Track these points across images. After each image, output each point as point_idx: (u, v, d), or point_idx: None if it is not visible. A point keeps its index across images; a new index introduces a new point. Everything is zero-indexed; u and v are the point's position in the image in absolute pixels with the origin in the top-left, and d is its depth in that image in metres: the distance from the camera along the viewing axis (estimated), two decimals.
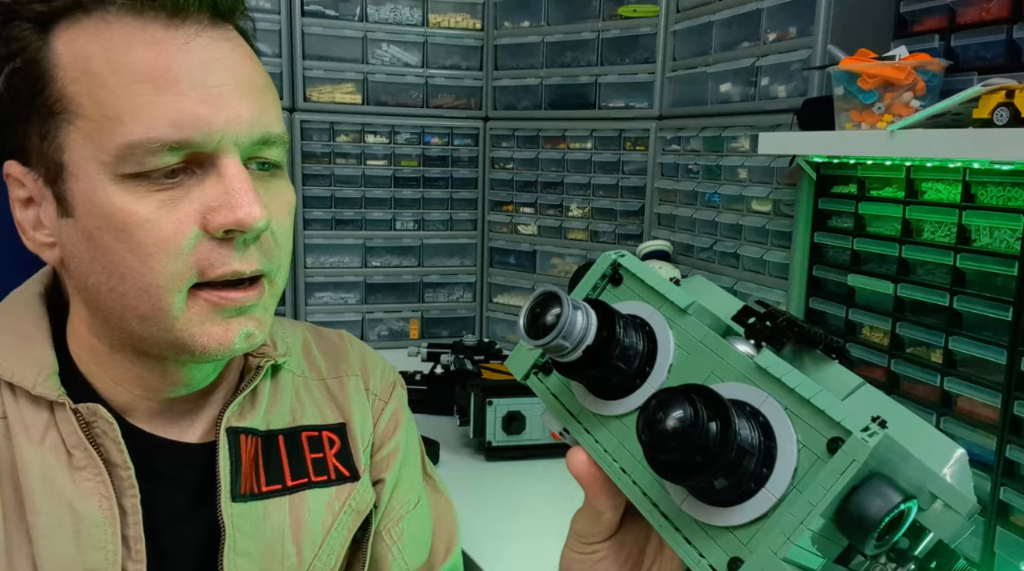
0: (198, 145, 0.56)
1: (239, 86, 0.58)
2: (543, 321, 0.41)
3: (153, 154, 0.55)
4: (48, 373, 0.62)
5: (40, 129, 0.57)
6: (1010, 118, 0.96)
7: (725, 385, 0.40)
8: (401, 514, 0.78)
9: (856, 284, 1.33)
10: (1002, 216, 1.06)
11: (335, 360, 0.79)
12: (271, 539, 0.67)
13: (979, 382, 1.11)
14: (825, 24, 1.38)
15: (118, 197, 0.55)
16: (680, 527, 0.40)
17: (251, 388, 0.69)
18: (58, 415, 0.61)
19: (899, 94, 1.14)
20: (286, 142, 0.62)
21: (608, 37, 2.00)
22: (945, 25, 1.25)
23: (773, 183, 1.55)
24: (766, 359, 0.39)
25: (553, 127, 2.14)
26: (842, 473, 0.34)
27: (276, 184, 0.63)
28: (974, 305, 1.10)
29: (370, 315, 2.25)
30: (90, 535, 0.59)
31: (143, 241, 0.55)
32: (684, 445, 0.35)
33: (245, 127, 0.57)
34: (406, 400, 0.83)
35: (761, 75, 1.56)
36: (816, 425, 0.36)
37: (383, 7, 2.14)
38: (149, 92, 0.54)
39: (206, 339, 0.58)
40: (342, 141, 2.17)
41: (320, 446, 0.72)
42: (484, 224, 2.31)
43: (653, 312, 0.45)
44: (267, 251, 0.60)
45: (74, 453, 0.60)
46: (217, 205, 0.56)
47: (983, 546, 1.10)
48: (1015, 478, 1.06)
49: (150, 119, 0.54)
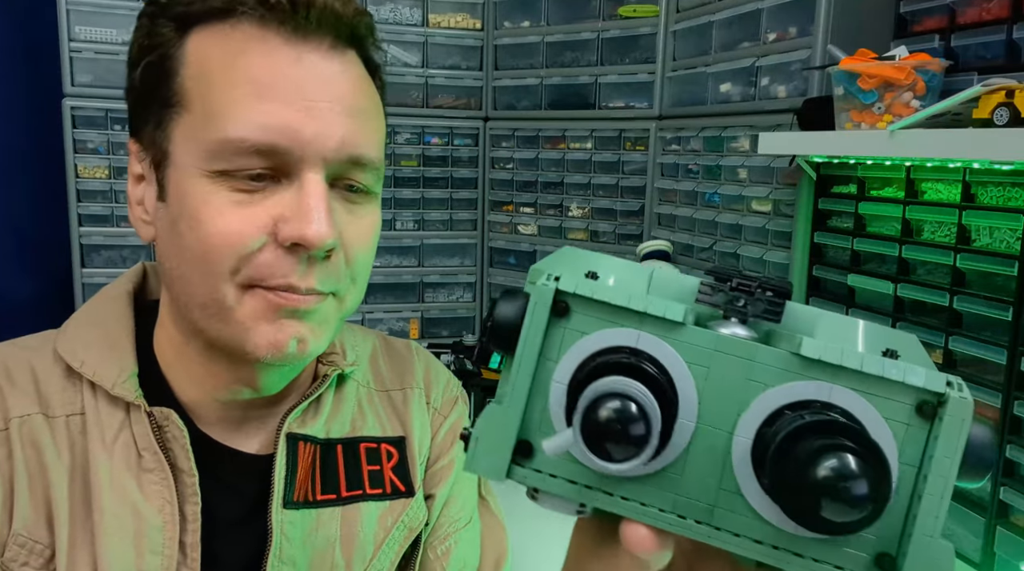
0: (284, 152, 0.57)
1: (338, 105, 0.59)
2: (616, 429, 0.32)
3: (241, 154, 0.56)
4: (128, 374, 0.63)
5: (157, 118, 0.60)
6: (1010, 118, 0.96)
7: (776, 390, 0.36)
8: (449, 531, 0.76)
9: (856, 284, 1.33)
10: (1002, 216, 1.06)
11: (400, 371, 0.79)
12: (321, 549, 0.66)
13: (979, 382, 1.11)
14: (825, 24, 1.38)
15: (202, 188, 0.57)
16: (799, 551, 0.36)
17: (316, 396, 0.69)
18: (133, 416, 0.62)
19: (899, 94, 1.14)
20: (380, 170, 0.63)
21: (608, 37, 2.00)
22: (945, 25, 1.25)
23: (773, 183, 1.55)
24: (811, 348, 0.35)
25: (553, 127, 2.14)
26: (960, 434, 0.34)
27: (362, 209, 0.63)
28: (974, 305, 1.10)
29: (370, 315, 2.25)
30: (149, 538, 0.60)
31: (210, 231, 0.57)
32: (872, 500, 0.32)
33: (334, 144, 0.58)
34: (467, 415, 0.82)
35: (761, 75, 1.56)
36: (894, 396, 0.35)
37: (383, 7, 2.14)
38: (249, 95, 0.57)
39: (259, 337, 0.59)
40: None
41: (378, 458, 0.72)
42: (484, 224, 2.31)
43: (640, 336, 0.37)
44: (334, 272, 0.60)
45: (144, 455, 0.61)
46: (289, 216, 0.57)
47: (983, 546, 1.10)
48: (1015, 478, 1.06)
49: (244, 120, 0.56)
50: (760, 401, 0.36)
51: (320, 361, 0.72)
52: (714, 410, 0.36)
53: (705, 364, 0.36)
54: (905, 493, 0.35)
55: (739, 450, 0.36)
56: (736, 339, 0.36)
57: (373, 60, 0.65)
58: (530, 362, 0.37)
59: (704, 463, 0.36)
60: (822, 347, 0.35)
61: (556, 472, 0.38)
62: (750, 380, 0.36)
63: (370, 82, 0.64)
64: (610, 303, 0.37)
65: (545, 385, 0.37)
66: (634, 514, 0.37)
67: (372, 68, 0.65)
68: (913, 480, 0.35)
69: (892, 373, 0.35)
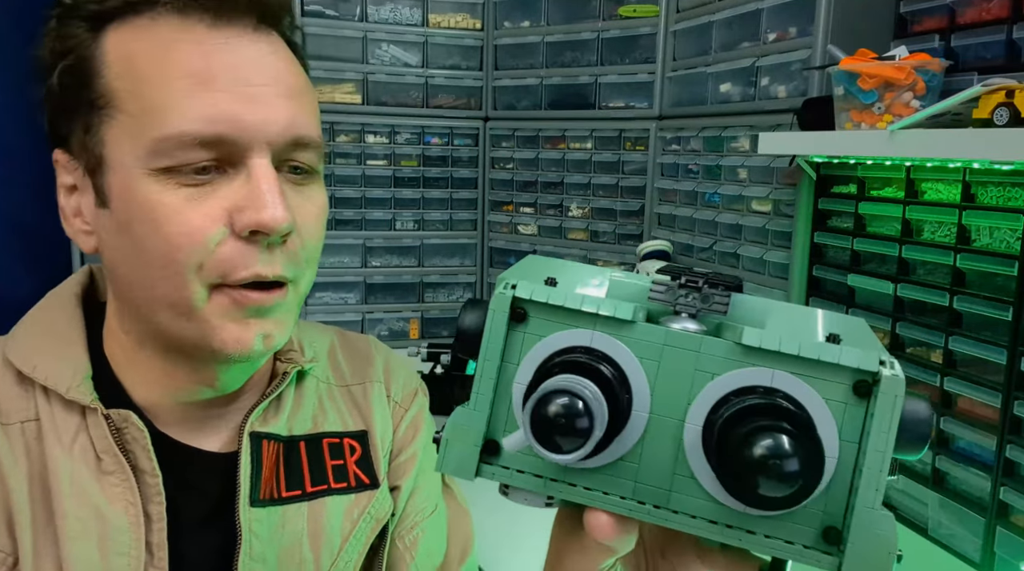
0: (230, 142, 0.56)
1: (276, 88, 0.59)
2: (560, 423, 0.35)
3: (186, 148, 0.56)
4: (82, 377, 0.62)
5: (85, 122, 0.59)
6: (1010, 118, 0.96)
7: (722, 379, 0.38)
8: (416, 521, 0.77)
9: (856, 284, 1.33)
10: (1002, 216, 1.06)
11: (360, 366, 0.79)
12: (288, 545, 0.67)
13: (979, 382, 1.11)
14: (825, 24, 1.38)
15: (151, 189, 0.56)
16: (752, 528, 0.38)
17: (277, 394, 0.69)
18: (89, 420, 0.61)
19: (899, 94, 1.14)
20: (321, 147, 0.63)
21: (608, 37, 2.00)
22: (945, 25, 1.25)
23: (773, 183, 1.55)
24: (752, 338, 0.38)
25: (553, 127, 2.14)
26: (894, 410, 0.36)
27: (309, 189, 0.63)
28: (974, 305, 1.10)
29: (370, 315, 2.25)
30: (115, 540, 0.59)
31: (172, 231, 0.56)
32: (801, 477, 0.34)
33: (278, 128, 0.58)
34: (427, 407, 0.82)
35: (761, 75, 1.56)
36: (832, 377, 0.37)
37: (383, 7, 2.14)
38: (186, 88, 0.56)
39: (225, 335, 0.58)
40: (342, 141, 2.17)
41: (341, 453, 0.72)
42: (484, 224, 2.31)
43: (593, 335, 0.39)
44: (293, 255, 0.60)
45: (103, 458, 0.61)
46: (244, 205, 0.57)
47: (983, 546, 1.10)
48: (1015, 478, 1.06)
49: (185, 114, 0.55)
50: (708, 390, 0.38)
51: (278, 359, 0.72)
52: (666, 400, 0.39)
53: (656, 358, 0.39)
54: (848, 469, 0.37)
55: (690, 436, 0.38)
56: (684, 333, 0.39)
57: (293, 39, 0.65)
58: (492, 366, 0.40)
59: (659, 450, 0.39)
60: (762, 335, 0.38)
61: (523, 468, 0.41)
62: (698, 370, 0.38)
63: (297, 61, 0.64)
64: (564, 306, 0.40)
65: (508, 387, 0.40)
66: (595, 502, 0.40)
67: (294, 47, 0.65)
68: (855, 456, 0.37)
69: (828, 356, 0.37)
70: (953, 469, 1.16)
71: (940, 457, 1.18)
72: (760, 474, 0.33)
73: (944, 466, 1.18)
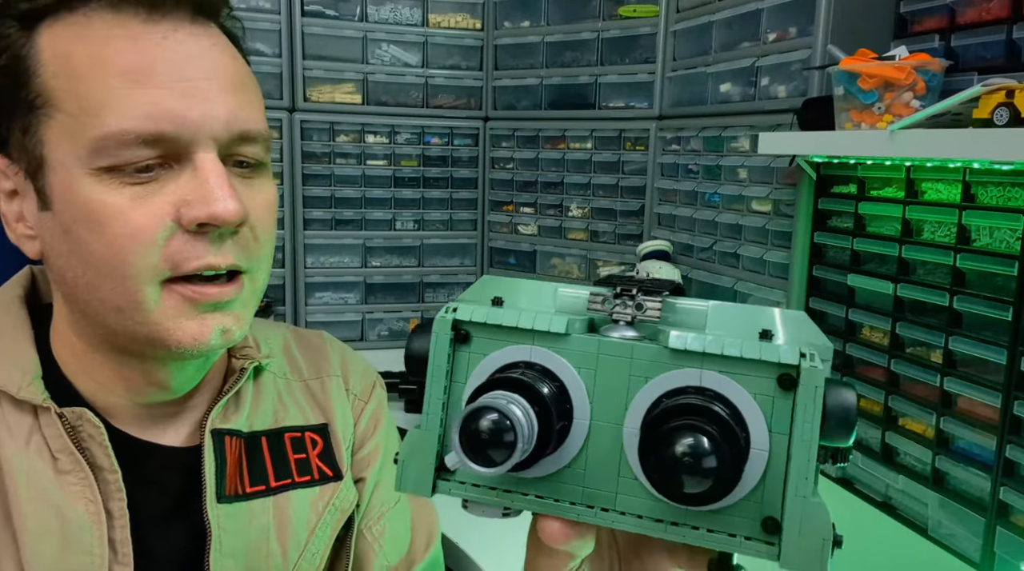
0: (172, 139, 0.55)
1: (217, 81, 0.58)
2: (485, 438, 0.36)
3: (127, 147, 0.54)
4: (32, 377, 0.61)
5: (22, 124, 0.58)
6: (1010, 118, 0.96)
7: (656, 381, 0.40)
8: (382, 511, 0.78)
9: (856, 284, 1.33)
10: (1002, 216, 1.06)
11: (316, 361, 0.79)
12: (255, 539, 0.67)
13: (979, 382, 1.11)
14: (825, 24, 1.38)
15: (93, 190, 0.55)
16: (696, 524, 0.40)
17: (235, 390, 0.69)
18: (42, 419, 0.61)
19: (899, 94, 1.14)
20: (268, 140, 0.62)
21: (608, 37, 2.00)
22: (945, 25, 1.25)
23: (773, 183, 1.55)
24: (677, 341, 0.39)
25: (553, 127, 2.14)
26: (815, 400, 0.38)
27: (257, 182, 0.62)
28: (974, 305, 1.10)
29: (370, 315, 2.25)
30: (77, 539, 0.59)
31: (117, 233, 0.55)
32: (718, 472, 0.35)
33: (221, 123, 0.57)
34: (385, 400, 0.83)
35: (761, 75, 1.56)
36: (757, 373, 0.39)
37: (383, 7, 2.14)
38: (124, 85, 0.55)
39: (181, 333, 0.58)
40: (342, 141, 2.17)
41: (303, 447, 0.73)
42: (484, 224, 2.31)
43: (532, 350, 0.41)
44: (245, 248, 0.60)
45: (59, 457, 0.60)
46: (192, 199, 0.56)
47: (983, 546, 1.10)
48: (1015, 478, 1.06)
49: (124, 112, 0.54)
50: (642, 393, 0.40)
51: (234, 356, 0.72)
52: (605, 407, 0.41)
53: (592, 367, 0.41)
54: (781, 461, 0.39)
55: (629, 439, 0.40)
56: (615, 341, 0.41)
57: (232, 31, 0.64)
58: (439, 387, 0.42)
59: (602, 455, 0.41)
60: (688, 338, 0.39)
61: (477, 481, 0.43)
62: (632, 376, 0.40)
63: (239, 53, 0.63)
64: (502, 325, 0.42)
65: (459, 405, 0.42)
66: (546, 509, 0.41)
67: (233, 39, 0.64)
68: (786, 448, 0.38)
69: (750, 353, 0.38)
70: (953, 469, 1.16)
71: (940, 457, 1.18)
72: (680, 472, 0.35)
73: (944, 466, 1.18)
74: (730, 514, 0.39)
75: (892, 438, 1.28)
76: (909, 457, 1.26)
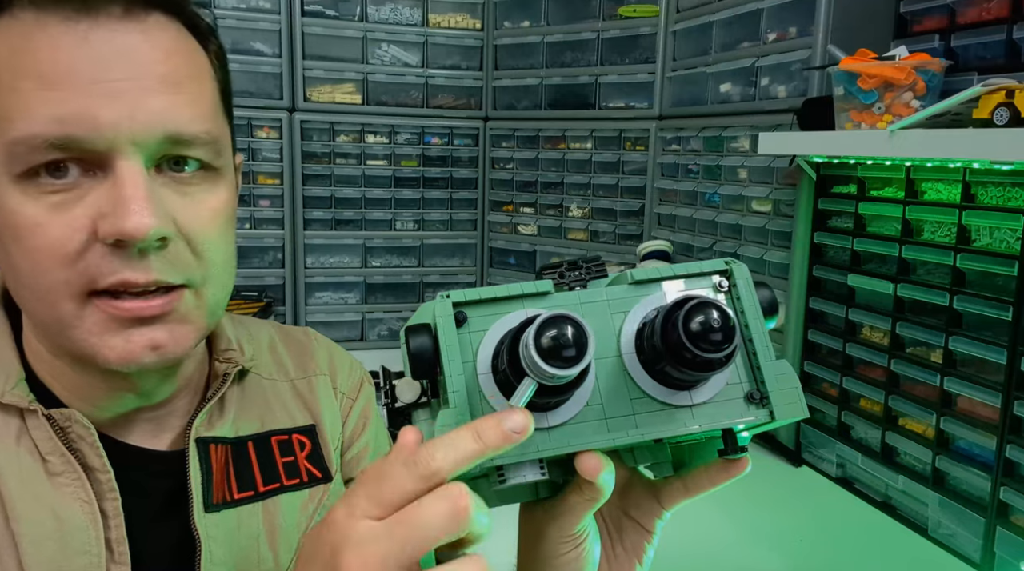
0: (87, 143, 0.52)
1: (142, 81, 0.54)
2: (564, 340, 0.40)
3: (37, 152, 0.52)
4: (16, 380, 0.60)
5: None
6: (1010, 118, 0.96)
7: (633, 311, 0.47)
8: None
9: (856, 284, 1.33)
10: (1002, 216, 1.06)
11: (302, 360, 0.78)
12: (246, 546, 0.66)
13: (979, 382, 1.11)
14: (825, 24, 1.38)
15: (13, 199, 0.53)
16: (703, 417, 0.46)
17: (219, 396, 0.68)
18: (30, 422, 0.60)
19: (899, 94, 1.14)
20: (216, 141, 0.58)
21: (608, 37, 2.00)
22: (945, 25, 1.25)
23: (773, 183, 1.55)
24: (640, 274, 0.48)
25: (553, 127, 2.14)
26: (749, 286, 0.48)
27: (199, 189, 0.58)
28: (974, 305, 1.10)
29: (370, 315, 2.25)
30: (75, 540, 0.58)
31: (33, 245, 0.53)
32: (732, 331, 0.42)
33: (142, 126, 0.53)
34: (374, 396, 0.82)
35: (761, 75, 1.56)
36: (703, 282, 0.49)
37: (383, 7, 2.14)
38: (35, 87, 0.52)
39: (107, 351, 0.55)
40: (342, 141, 2.17)
41: (291, 449, 0.72)
42: (484, 224, 2.31)
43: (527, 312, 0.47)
44: (175, 262, 0.56)
45: (49, 459, 0.59)
46: (107, 211, 0.52)
47: (983, 546, 1.10)
48: (1015, 478, 1.06)
49: (34, 116, 0.51)
50: (627, 323, 0.47)
51: (217, 359, 0.70)
52: (600, 345, 0.46)
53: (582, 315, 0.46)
54: (741, 348, 0.47)
55: (629, 361, 0.47)
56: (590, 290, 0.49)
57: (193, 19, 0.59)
58: (458, 364, 0.46)
59: (612, 386, 0.46)
60: (645, 271, 0.49)
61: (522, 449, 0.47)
62: (613, 313, 0.48)
63: (190, 45, 0.58)
64: (495, 297, 0.47)
65: (473, 382, 0.46)
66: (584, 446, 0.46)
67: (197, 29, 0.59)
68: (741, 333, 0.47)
69: (694, 268, 0.49)
70: (953, 469, 1.16)
71: (940, 457, 1.18)
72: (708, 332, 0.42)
73: (944, 466, 1.18)
74: (721, 401, 0.47)
75: (892, 438, 1.28)
76: (909, 457, 1.26)
